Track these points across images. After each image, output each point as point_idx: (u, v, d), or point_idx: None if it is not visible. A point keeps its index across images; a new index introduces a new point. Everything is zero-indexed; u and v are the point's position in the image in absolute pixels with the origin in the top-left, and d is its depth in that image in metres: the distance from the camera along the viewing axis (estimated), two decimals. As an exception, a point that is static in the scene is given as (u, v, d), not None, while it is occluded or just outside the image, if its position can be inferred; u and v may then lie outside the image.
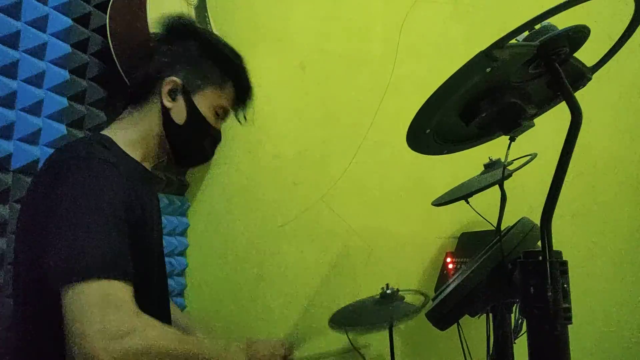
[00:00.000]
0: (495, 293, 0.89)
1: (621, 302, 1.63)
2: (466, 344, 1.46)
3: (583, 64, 0.82)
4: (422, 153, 0.97)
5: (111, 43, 1.46)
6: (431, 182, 1.77)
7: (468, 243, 1.67)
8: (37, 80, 1.26)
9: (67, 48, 1.36)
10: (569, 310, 0.71)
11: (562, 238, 1.59)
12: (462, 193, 1.22)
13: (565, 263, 0.73)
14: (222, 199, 1.95)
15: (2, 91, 1.15)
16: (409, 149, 0.94)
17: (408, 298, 1.53)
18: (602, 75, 0.88)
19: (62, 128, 1.33)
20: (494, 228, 1.00)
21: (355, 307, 1.52)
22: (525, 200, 1.53)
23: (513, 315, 1.00)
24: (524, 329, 0.88)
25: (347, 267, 1.82)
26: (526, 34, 0.75)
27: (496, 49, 0.68)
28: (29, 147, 1.22)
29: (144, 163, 1.05)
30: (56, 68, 1.32)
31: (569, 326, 0.71)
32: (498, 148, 1.01)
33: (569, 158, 0.72)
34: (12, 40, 1.18)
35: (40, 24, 1.27)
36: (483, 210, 1.22)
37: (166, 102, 1.03)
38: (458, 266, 1.60)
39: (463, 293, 0.88)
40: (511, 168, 1.17)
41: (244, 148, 1.95)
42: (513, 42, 0.70)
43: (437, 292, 1.00)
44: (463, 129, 0.86)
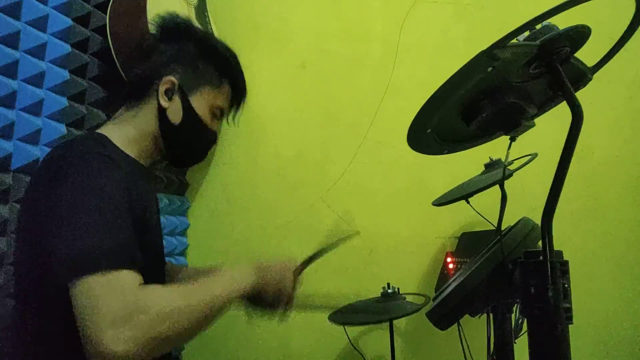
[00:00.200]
0: (495, 293, 0.89)
1: (621, 302, 1.63)
2: (466, 344, 1.46)
3: (584, 64, 0.82)
4: (423, 153, 0.97)
5: (111, 43, 1.46)
6: (431, 182, 1.77)
7: (468, 243, 1.67)
8: (37, 80, 1.26)
9: (67, 48, 1.36)
10: (570, 310, 0.71)
11: (563, 238, 1.59)
12: (463, 193, 1.22)
13: (565, 263, 0.73)
14: (222, 199, 1.95)
15: (2, 91, 1.15)
16: (409, 149, 0.94)
17: (408, 298, 1.53)
18: (603, 75, 0.88)
19: (62, 128, 1.33)
20: (495, 228, 1.00)
21: (355, 307, 1.52)
22: (525, 200, 1.53)
23: (513, 315, 1.00)
24: (524, 329, 0.88)
25: (347, 267, 1.82)
26: (527, 34, 0.75)
27: (497, 49, 0.68)
28: (29, 147, 1.22)
29: (140, 161, 1.05)
30: (56, 68, 1.32)
31: (569, 326, 0.71)
32: (498, 148, 1.01)
33: (570, 158, 0.72)
34: (12, 40, 1.18)
35: (40, 24, 1.27)
36: (483, 210, 1.22)
37: (162, 102, 1.02)
38: (458, 266, 1.60)
39: (463, 293, 0.88)
40: (512, 168, 1.17)
41: (244, 148, 1.95)
42: (514, 42, 0.70)
43: (438, 292, 1.00)
44: (464, 129, 0.86)
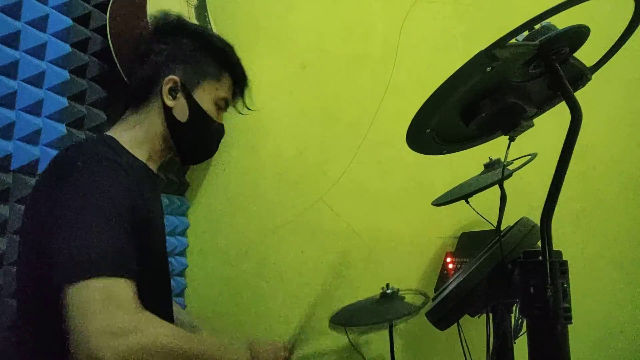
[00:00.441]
0: (495, 293, 0.89)
1: (621, 302, 1.63)
2: (466, 344, 1.45)
3: (583, 64, 0.82)
4: (422, 153, 0.97)
5: (111, 43, 1.46)
6: (431, 182, 1.77)
7: (468, 243, 1.67)
8: (37, 80, 1.26)
9: (67, 48, 1.36)
10: (569, 310, 0.71)
11: (562, 238, 1.60)
12: (462, 193, 1.22)
13: (565, 263, 0.73)
14: (222, 199, 1.95)
15: (2, 91, 1.15)
16: (409, 149, 0.94)
17: (408, 298, 1.53)
18: (602, 75, 0.88)
19: (62, 128, 1.33)
20: (494, 228, 1.00)
21: (355, 307, 1.52)
22: (525, 200, 1.53)
23: (513, 315, 1.00)
24: (524, 329, 0.88)
25: (347, 267, 1.82)
26: (526, 34, 0.75)
27: (497, 49, 0.68)
28: (29, 147, 1.22)
29: (149, 163, 1.05)
30: (56, 68, 1.32)
31: (569, 326, 0.71)
32: (498, 148, 1.01)
33: (569, 158, 0.72)
34: (12, 40, 1.18)
35: (40, 24, 1.27)
36: (483, 210, 1.22)
37: (167, 101, 1.02)
38: (458, 266, 1.59)
39: (463, 293, 0.88)
40: (511, 168, 1.17)
41: (244, 148, 1.95)
42: (513, 42, 0.70)
43: (437, 292, 1.00)
44: (463, 129, 0.86)
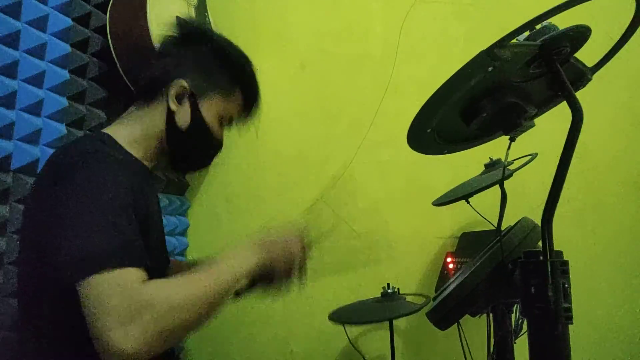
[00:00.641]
0: (495, 293, 0.89)
1: (621, 302, 1.63)
2: (466, 344, 1.46)
3: (583, 64, 0.82)
4: (423, 153, 0.97)
5: (111, 43, 1.46)
6: (431, 182, 1.77)
7: (468, 243, 1.67)
8: (37, 80, 1.26)
9: (67, 48, 1.36)
10: (570, 310, 0.71)
11: (563, 238, 1.59)
12: (463, 193, 1.22)
13: (566, 263, 0.73)
14: (222, 199, 1.95)
15: (2, 91, 1.15)
16: (409, 149, 0.94)
17: (408, 298, 1.53)
18: (603, 75, 0.88)
19: (62, 128, 1.33)
20: (495, 228, 1.00)
21: (355, 306, 1.52)
22: (525, 200, 1.53)
23: (513, 315, 1.00)
24: (525, 329, 0.88)
25: (347, 267, 1.82)
26: (527, 34, 0.75)
27: (498, 48, 0.68)
28: (29, 147, 1.22)
29: (144, 161, 1.05)
30: (56, 68, 1.32)
31: (570, 326, 0.71)
32: (498, 148, 1.01)
33: (570, 158, 0.72)
34: (12, 40, 1.18)
35: (40, 24, 1.27)
36: (483, 210, 1.22)
37: (172, 105, 1.02)
38: (458, 266, 1.59)
39: (463, 293, 0.88)
40: (512, 168, 1.17)
41: (244, 148, 1.95)
42: (514, 42, 0.70)
43: (438, 292, 1.00)
44: (464, 129, 0.86)
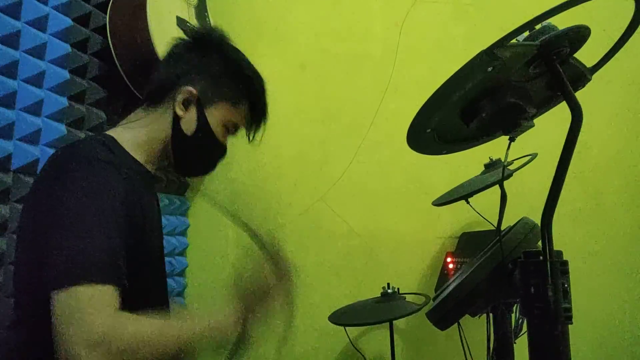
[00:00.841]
0: (495, 293, 0.89)
1: (621, 302, 1.63)
2: (466, 344, 1.46)
3: (583, 65, 0.82)
4: (422, 153, 0.97)
5: (111, 43, 1.46)
6: (431, 182, 1.77)
7: (468, 243, 1.67)
8: (37, 80, 1.26)
9: (67, 48, 1.36)
10: (570, 310, 0.71)
11: (563, 238, 1.60)
12: (463, 193, 1.22)
13: (565, 263, 0.73)
14: (222, 199, 1.95)
15: (2, 91, 1.15)
16: (409, 149, 0.94)
17: (408, 297, 1.53)
18: (602, 75, 0.88)
19: (62, 128, 1.33)
20: (494, 228, 1.00)
21: (356, 307, 1.52)
22: (525, 200, 1.53)
23: (513, 315, 1.00)
24: (524, 329, 0.88)
25: (347, 267, 1.82)
26: (526, 34, 0.75)
27: (497, 48, 0.68)
28: (29, 147, 1.22)
29: (147, 165, 1.05)
30: (56, 68, 1.32)
31: (569, 326, 0.71)
32: (498, 148, 1.01)
33: (570, 158, 0.72)
34: (12, 40, 1.18)
35: (40, 24, 1.27)
36: (483, 210, 1.22)
37: (178, 110, 1.02)
38: (458, 266, 1.60)
39: (463, 293, 0.88)
40: (511, 168, 1.17)
41: (244, 148, 1.94)
42: (514, 42, 0.70)
43: (438, 292, 1.00)
44: (463, 129, 0.86)
